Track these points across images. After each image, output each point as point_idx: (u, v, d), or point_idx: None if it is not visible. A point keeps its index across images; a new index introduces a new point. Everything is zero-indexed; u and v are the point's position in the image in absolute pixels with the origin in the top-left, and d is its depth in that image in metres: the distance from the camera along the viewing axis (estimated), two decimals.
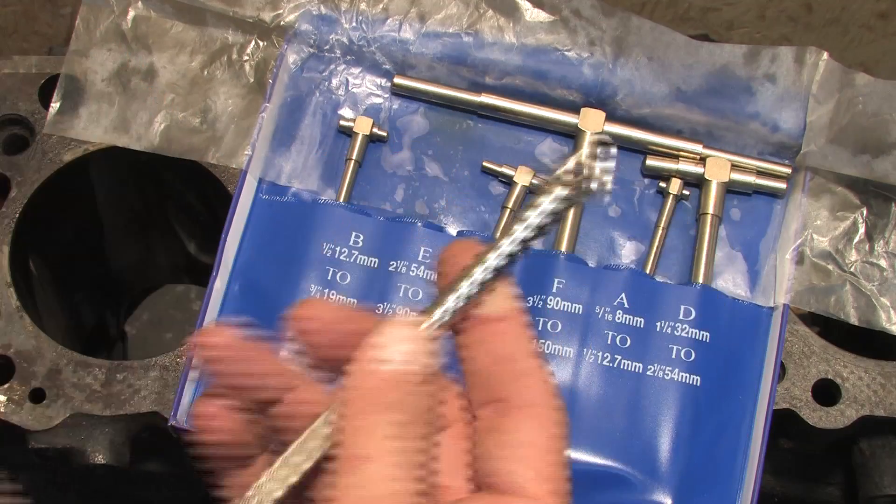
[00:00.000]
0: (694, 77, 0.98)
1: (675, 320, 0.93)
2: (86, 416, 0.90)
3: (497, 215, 0.99)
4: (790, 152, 0.99)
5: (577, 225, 0.97)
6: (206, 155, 0.97)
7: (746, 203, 1.00)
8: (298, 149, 0.99)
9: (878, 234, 0.98)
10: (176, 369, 0.91)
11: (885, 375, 0.94)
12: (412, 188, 0.99)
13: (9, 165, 0.98)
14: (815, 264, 0.97)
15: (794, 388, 0.94)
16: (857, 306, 0.97)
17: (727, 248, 0.99)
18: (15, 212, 0.96)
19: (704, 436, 0.90)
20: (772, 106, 0.98)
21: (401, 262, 0.93)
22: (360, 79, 1.01)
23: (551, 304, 0.93)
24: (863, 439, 0.97)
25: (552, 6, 0.99)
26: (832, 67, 0.97)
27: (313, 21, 0.99)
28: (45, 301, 1.10)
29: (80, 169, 1.01)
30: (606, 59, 0.98)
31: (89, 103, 0.98)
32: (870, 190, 0.99)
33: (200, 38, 1.00)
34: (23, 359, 0.91)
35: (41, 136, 0.98)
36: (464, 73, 1.00)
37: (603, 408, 0.91)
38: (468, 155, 1.00)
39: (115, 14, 0.99)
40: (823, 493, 1.09)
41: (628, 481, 0.89)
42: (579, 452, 0.89)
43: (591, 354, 0.92)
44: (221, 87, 0.99)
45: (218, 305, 0.92)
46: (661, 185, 1.00)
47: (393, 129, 1.01)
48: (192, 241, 1.26)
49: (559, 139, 1.01)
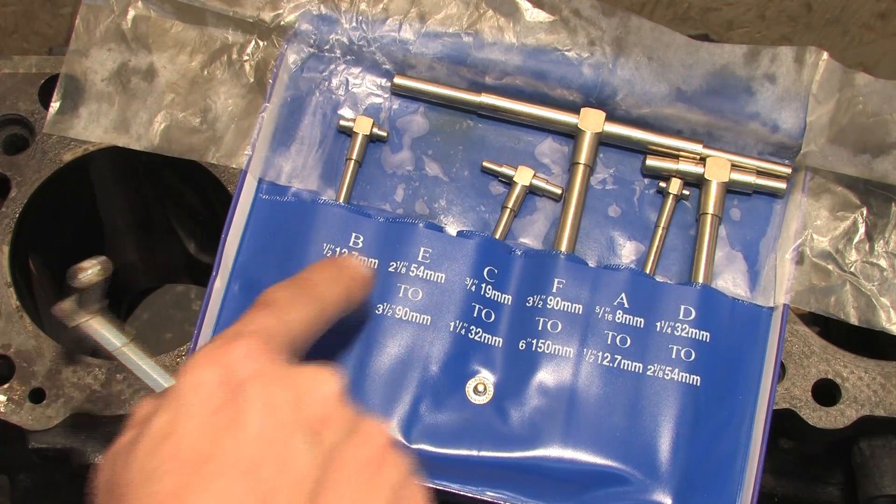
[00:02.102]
0: (694, 77, 0.98)
1: (675, 320, 0.93)
2: (86, 416, 0.90)
3: (497, 215, 0.99)
4: (790, 152, 0.99)
5: (577, 225, 0.97)
6: (206, 155, 0.97)
7: (746, 203, 1.00)
8: (298, 149, 0.99)
9: (878, 234, 0.98)
10: (176, 369, 0.91)
11: (885, 375, 0.94)
12: (412, 188, 0.99)
13: (9, 165, 0.98)
14: (815, 264, 0.97)
15: (794, 388, 0.94)
16: (857, 306, 0.97)
17: (727, 248, 0.99)
18: (15, 212, 0.97)
19: (704, 436, 0.90)
20: (772, 106, 0.98)
21: (401, 262, 0.94)
22: (360, 79, 1.01)
23: (551, 304, 0.93)
24: (863, 439, 0.97)
25: (552, 6, 0.99)
26: (832, 67, 0.97)
27: (313, 21, 0.99)
28: (45, 301, 1.10)
29: (80, 169, 1.01)
30: (606, 59, 0.98)
31: (89, 103, 0.98)
32: (870, 190, 0.99)
33: (200, 38, 1.00)
34: (23, 359, 0.91)
35: (41, 136, 0.99)
36: (464, 73, 1.00)
37: (603, 408, 0.91)
38: (468, 155, 1.00)
39: (115, 14, 0.99)
40: (823, 493, 1.09)
41: (628, 481, 0.89)
42: (579, 452, 0.89)
43: (591, 354, 0.92)
44: (221, 86, 0.99)
45: (218, 305, 0.92)
46: (661, 185, 1.00)
47: (393, 129, 1.01)
48: (192, 241, 1.26)
49: (559, 139, 1.01)
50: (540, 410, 0.90)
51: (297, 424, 0.64)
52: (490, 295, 0.94)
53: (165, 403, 0.65)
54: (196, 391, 0.64)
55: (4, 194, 0.97)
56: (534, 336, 0.92)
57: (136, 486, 0.62)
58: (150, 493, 0.61)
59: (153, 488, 0.61)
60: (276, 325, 0.71)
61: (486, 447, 0.90)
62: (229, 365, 0.65)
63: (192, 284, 1.42)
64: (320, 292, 0.77)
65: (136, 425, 0.67)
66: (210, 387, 0.64)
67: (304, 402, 0.65)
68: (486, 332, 0.93)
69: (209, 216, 1.16)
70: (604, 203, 0.99)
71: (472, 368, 0.92)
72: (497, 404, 0.91)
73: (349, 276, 0.81)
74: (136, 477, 0.62)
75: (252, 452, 0.62)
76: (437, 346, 0.92)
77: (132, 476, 0.62)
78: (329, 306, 0.77)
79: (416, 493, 0.67)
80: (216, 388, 0.64)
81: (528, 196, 0.99)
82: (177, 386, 0.65)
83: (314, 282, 0.77)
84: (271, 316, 0.72)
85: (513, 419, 0.90)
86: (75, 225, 1.13)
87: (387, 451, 0.66)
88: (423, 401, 0.90)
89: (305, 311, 0.74)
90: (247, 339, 0.67)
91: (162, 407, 0.65)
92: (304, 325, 0.74)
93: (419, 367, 0.91)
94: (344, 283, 0.80)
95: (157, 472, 0.61)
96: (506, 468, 0.89)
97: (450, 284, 0.93)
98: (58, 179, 0.98)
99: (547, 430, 0.90)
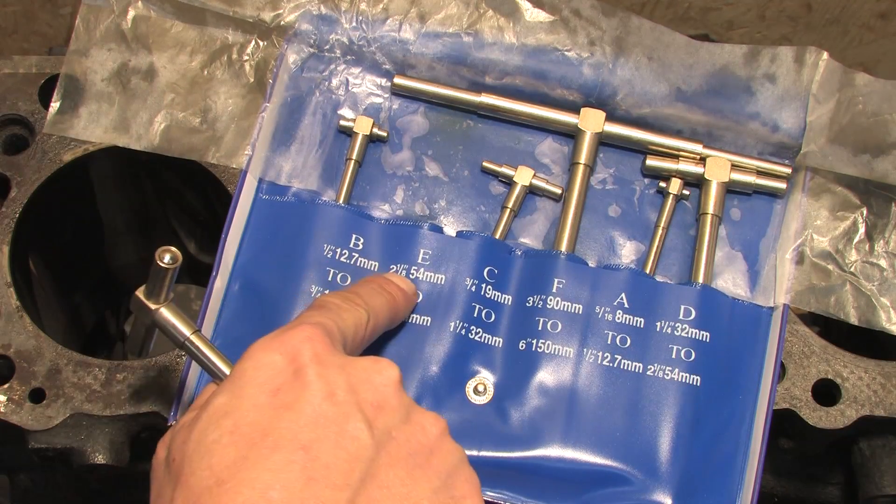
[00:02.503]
0: (694, 77, 0.98)
1: (675, 320, 0.93)
2: (86, 416, 0.90)
3: (497, 215, 0.99)
4: (790, 152, 0.99)
5: (577, 225, 0.97)
6: (206, 155, 0.97)
7: (746, 203, 1.00)
8: (298, 149, 0.99)
9: (878, 234, 0.98)
10: (176, 369, 0.91)
11: (885, 375, 0.94)
12: (412, 188, 0.99)
13: (9, 165, 0.98)
14: (815, 264, 0.97)
15: (794, 388, 0.94)
16: (857, 306, 0.97)
17: (727, 248, 0.99)
18: (15, 212, 0.97)
19: (704, 436, 0.90)
20: (772, 106, 0.98)
21: (401, 264, 0.94)
22: (360, 79, 1.01)
23: (551, 304, 0.93)
24: (863, 439, 0.97)
25: (552, 6, 0.99)
26: (832, 67, 0.97)
27: (313, 21, 0.99)
28: (45, 301, 1.10)
29: (80, 169, 1.01)
30: (606, 59, 0.98)
31: (89, 103, 0.98)
32: (870, 190, 0.99)
33: (200, 38, 1.00)
34: (23, 359, 0.91)
35: (41, 136, 0.99)
36: (464, 73, 1.00)
37: (603, 408, 0.91)
38: (468, 155, 1.00)
39: (115, 14, 0.99)
40: (823, 493, 1.09)
41: (628, 481, 0.89)
42: (579, 452, 0.89)
43: (591, 354, 0.92)
44: (221, 86, 0.99)
45: (218, 305, 0.92)
46: (661, 185, 1.00)
47: (393, 129, 1.01)
48: (192, 241, 1.26)
49: (559, 139, 1.01)
50: (540, 410, 0.90)
51: (355, 407, 0.67)
52: (490, 295, 0.94)
53: (228, 384, 0.67)
54: (258, 372, 0.67)
55: (4, 194, 0.97)
56: (534, 336, 0.92)
57: (193, 459, 0.64)
58: (207, 466, 0.63)
59: (211, 461, 0.63)
60: (331, 322, 0.74)
61: (486, 447, 0.89)
62: (291, 349, 0.68)
63: (192, 284, 1.42)
64: (367, 300, 0.81)
65: (197, 407, 0.70)
66: (271, 368, 0.67)
67: (362, 388, 0.68)
68: (486, 333, 0.93)
69: (209, 216, 1.16)
70: (604, 203, 0.99)
71: (472, 368, 0.92)
72: (497, 404, 0.91)
73: (393, 290, 0.86)
74: (194, 451, 0.64)
75: (309, 431, 0.64)
76: (438, 346, 0.91)
77: (190, 450, 0.64)
78: (375, 314, 0.81)
79: (466, 482, 0.69)
80: (277, 369, 0.67)
81: (528, 196, 0.99)
82: (239, 367, 0.68)
83: (360, 293, 0.82)
84: (326, 315, 0.75)
85: (513, 419, 0.90)
86: (75, 225, 1.13)
87: (440, 439, 0.69)
88: (423, 401, 0.90)
89: (356, 315, 0.78)
90: (307, 327, 0.70)
91: (224, 387, 0.67)
92: (354, 328, 0.77)
93: (419, 368, 0.91)
94: (387, 294, 0.85)
95: (216, 444, 0.64)
96: (506, 468, 0.89)
97: (450, 285, 0.93)
98: (58, 179, 0.98)
99: (547, 430, 0.90)
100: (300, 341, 0.69)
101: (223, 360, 0.75)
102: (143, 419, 0.91)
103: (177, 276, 0.74)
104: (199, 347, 0.76)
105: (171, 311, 0.76)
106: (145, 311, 0.76)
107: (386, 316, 0.84)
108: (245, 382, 0.67)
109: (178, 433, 0.67)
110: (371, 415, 0.67)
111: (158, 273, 0.73)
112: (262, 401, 0.66)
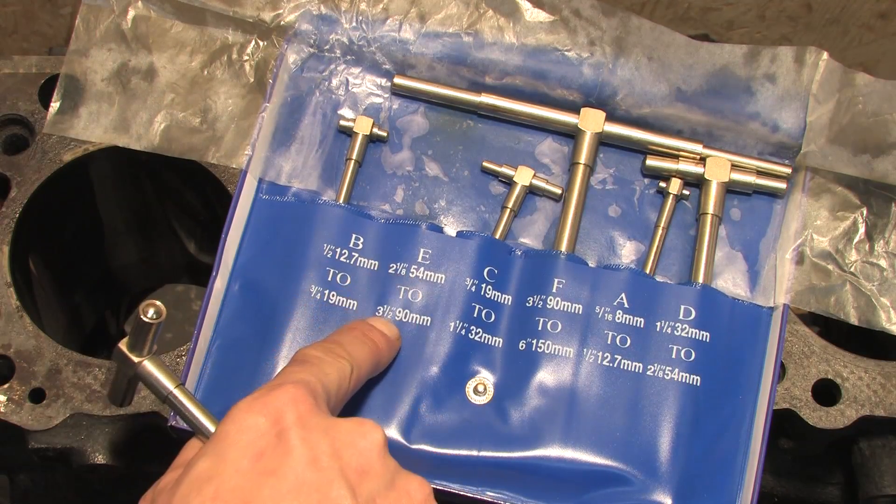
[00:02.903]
0: (694, 77, 0.98)
1: (675, 320, 0.93)
2: (86, 416, 0.90)
3: (497, 215, 0.99)
4: (790, 152, 0.99)
5: (577, 225, 0.97)
6: (206, 155, 0.97)
7: (746, 203, 1.00)
8: (298, 148, 0.99)
9: (878, 234, 0.98)
10: (176, 369, 0.91)
11: (885, 375, 0.94)
12: (412, 188, 0.99)
13: (9, 165, 0.98)
14: (815, 264, 0.97)
15: (794, 388, 0.94)
16: (857, 306, 0.97)
17: (727, 248, 0.99)
18: (15, 212, 0.97)
19: (704, 436, 0.90)
20: (772, 106, 0.98)
21: (401, 264, 0.94)
22: (360, 79, 1.01)
23: (551, 304, 0.93)
24: (863, 439, 0.97)
25: (552, 6, 0.99)
26: (832, 67, 0.97)
27: (313, 21, 0.99)
28: (45, 301, 1.10)
29: (80, 169, 1.01)
30: (606, 59, 0.98)
31: (89, 103, 0.98)
32: (870, 190, 0.99)
33: (200, 38, 1.00)
34: (23, 359, 0.91)
35: (41, 136, 0.99)
36: (464, 73, 1.00)
37: (603, 408, 0.91)
38: (468, 155, 1.00)
39: (115, 14, 0.99)
40: (823, 493, 1.09)
41: (628, 481, 0.89)
42: (579, 452, 0.89)
43: (591, 354, 0.92)
44: (221, 86, 0.99)
45: (218, 305, 0.92)
46: (661, 185, 1.00)
47: (393, 129, 1.01)
48: (192, 241, 1.26)
49: (559, 139, 1.01)
50: (540, 410, 0.90)
51: (338, 473, 0.66)
52: (490, 295, 0.94)
53: (210, 446, 0.67)
54: (241, 435, 0.66)
55: (4, 194, 0.98)
56: (534, 336, 0.92)
57: None
58: None
59: None
60: (314, 379, 0.73)
61: (486, 447, 0.89)
62: (274, 411, 0.67)
63: (192, 284, 1.42)
64: (349, 351, 0.80)
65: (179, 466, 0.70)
66: (254, 431, 0.67)
67: (346, 452, 0.68)
68: (486, 333, 0.93)
69: (209, 216, 1.16)
70: (604, 203, 0.99)
71: (472, 369, 0.92)
72: (497, 404, 0.91)
73: (376, 336, 0.86)
74: None
75: (292, 498, 0.64)
76: (438, 346, 0.91)
77: None
78: (359, 365, 0.80)
79: None
80: (260, 432, 0.67)
81: (528, 196, 0.99)
82: (222, 430, 0.67)
83: (342, 343, 0.81)
84: (308, 371, 0.74)
85: (513, 419, 0.90)
86: (75, 225, 1.13)
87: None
88: (423, 401, 0.90)
89: (339, 369, 0.77)
90: (290, 387, 0.69)
91: (207, 450, 0.67)
92: (338, 382, 0.76)
93: (419, 368, 0.91)
94: (370, 342, 0.84)
95: None
96: (506, 468, 0.89)
97: (450, 285, 0.93)
98: (58, 179, 0.99)
99: (547, 430, 0.90)
100: (283, 403, 0.68)
101: (207, 415, 0.75)
102: (143, 419, 0.91)
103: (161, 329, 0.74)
104: (182, 402, 0.75)
105: (154, 365, 0.75)
106: (128, 363, 0.75)
107: (369, 365, 0.83)
108: (228, 446, 0.66)
109: (159, 495, 0.67)
110: (355, 481, 0.67)
111: (142, 327, 0.73)
112: (244, 466, 0.65)
